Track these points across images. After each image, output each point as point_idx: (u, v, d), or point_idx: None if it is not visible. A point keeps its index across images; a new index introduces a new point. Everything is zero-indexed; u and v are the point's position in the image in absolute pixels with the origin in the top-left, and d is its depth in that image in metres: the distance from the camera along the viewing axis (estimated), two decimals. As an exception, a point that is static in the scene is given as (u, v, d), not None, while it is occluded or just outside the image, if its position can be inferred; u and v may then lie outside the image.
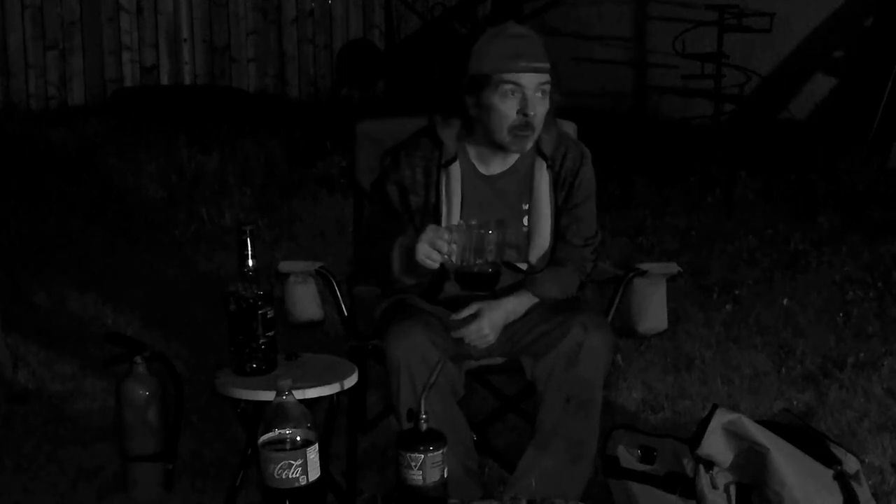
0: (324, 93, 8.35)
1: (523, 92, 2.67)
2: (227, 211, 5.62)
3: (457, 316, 2.75)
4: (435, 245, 2.58)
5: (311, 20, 8.35)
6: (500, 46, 2.69)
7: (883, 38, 6.55)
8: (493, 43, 2.70)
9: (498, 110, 2.68)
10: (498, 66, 2.67)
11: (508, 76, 2.67)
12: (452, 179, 2.77)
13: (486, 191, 2.80)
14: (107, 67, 7.86)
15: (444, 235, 2.58)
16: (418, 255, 2.59)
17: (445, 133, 2.78)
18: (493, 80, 2.67)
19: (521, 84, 2.67)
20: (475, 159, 2.81)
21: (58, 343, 4.08)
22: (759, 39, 6.89)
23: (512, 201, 2.81)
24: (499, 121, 2.69)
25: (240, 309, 2.65)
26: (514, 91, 2.67)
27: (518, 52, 2.68)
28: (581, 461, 2.73)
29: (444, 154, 2.77)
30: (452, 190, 2.77)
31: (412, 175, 2.78)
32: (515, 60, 2.67)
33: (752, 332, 4.21)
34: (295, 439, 2.29)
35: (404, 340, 2.62)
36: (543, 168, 2.81)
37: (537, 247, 2.81)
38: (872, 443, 3.29)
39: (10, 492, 3.09)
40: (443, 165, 2.77)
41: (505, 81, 2.67)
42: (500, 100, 2.68)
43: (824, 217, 5.49)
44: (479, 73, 2.69)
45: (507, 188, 2.81)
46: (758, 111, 7.01)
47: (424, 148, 2.79)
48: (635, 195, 5.95)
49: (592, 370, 2.69)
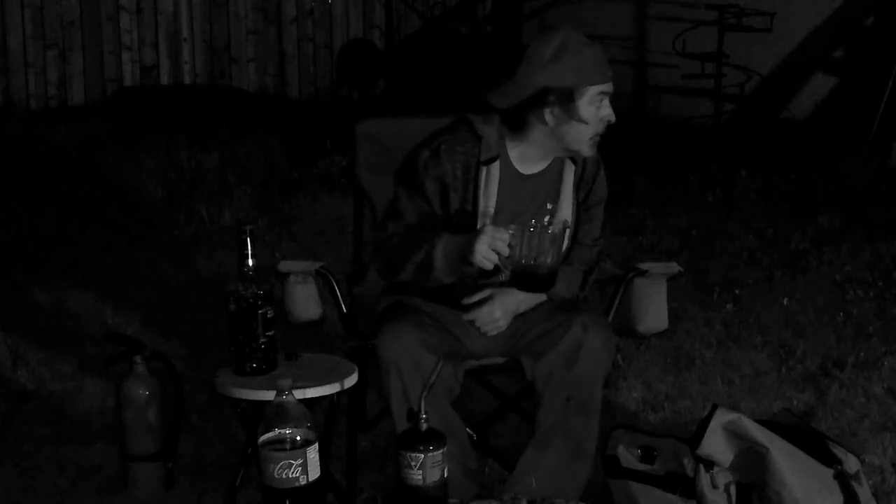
0: (324, 92, 8.35)
1: (607, 101, 2.74)
2: (227, 210, 5.62)
3: (469, 300, 2.75)
4: (494, 246, 2.57)
5: (311, 20, 8.35)
6: (590, 58, 2.71)
7: (883, 37, 6.55)
8: (581, 55, 2.70)
9: (592, 120, 2.72)
10: (595, 78, 2.70)
11: (603, 87, 2.72)
12: (491, 179, 2.75)
13: (520, 191, 2.79)
14: (107, 67, 7.85)
15: (503, 236, 2.58)
16: (476, 255, 2.58)
17: (486, 130, 2.76)
18: (590, 92, 2.70)
19: (609, 93, 2.74)
20: (516, 160, 2.79)
21: (57, 342, 4.08)
22: (759, 39, 6.88)
23: (541, 201, 2.81)
24: (587, 131, 2.73)
25: (240, 308, 2.65)
26: (602, 99, 2.73)
27: (604, 62, 2.73)
28: (581, 460, 2.73)
29: (483, 151, 2.75)
30: (490, 190, 2.75)
31: (452, 171, 2.74)
32: (606, 71, 2.73)
33: (753, 332, 4.21)
34: (295, 439, 2.29)
35: (395, 342, 2.62)
36: (572, 170, 2.82)
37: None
38: (873, 442, 3.28)
39: (10, 491, 3.08)
40: (482, 163, 2.75)
41: (601, 92, 2.72)
42: (590, 109, 2.71)
43: (824, 217, 5.48)
44: (572, 85, 2.69)
45: (538, 188, 2.81)
46: (758, 111, 7.01)
47: (464, 143, 2.76)
48: (635, 195, 5.94)
49: (592, 370, 2.69)
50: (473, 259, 2.59)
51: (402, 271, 2.75)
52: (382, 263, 2.82)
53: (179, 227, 5.44)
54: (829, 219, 5.46)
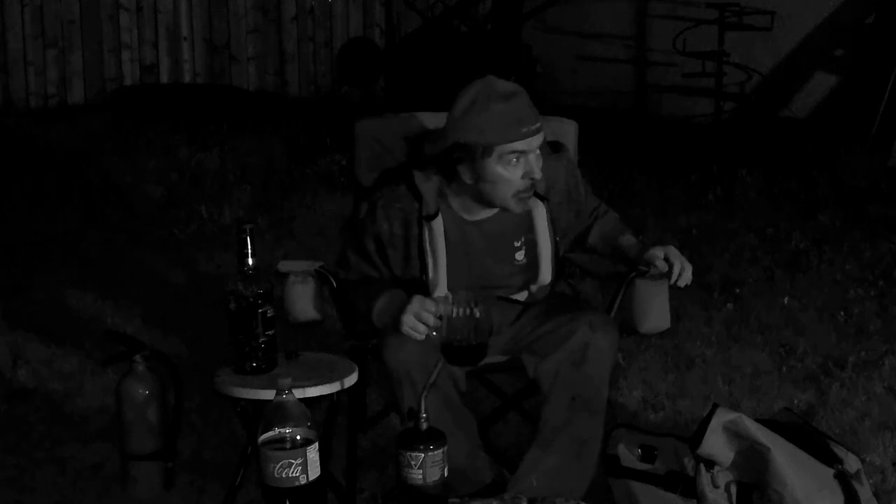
0: (324, 91, 8.35)
1: (527, 157, 2.61)
2: (226, 209, 5.61)
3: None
4: (421, 317, 2.55)
5: (312, 18, 8.34)
6: (497, 114, 2.57)
7: (884, 35, 6.54)
8: (488, 111, 2.58)
9: (503, 179, 2.60)
10: (500, 136, 2.57)
11: (513, 146, 2.58)
12: (436, 233, 2.71)
13: (472, 235, 2.76)
14: (106, 66, 7.85)
15: (430, 308, 2.54)
16: (403, 326, 2.55)
17: (426, 187, 2.70)
18: (497, 152, 2.58)
19: (525, 150, 2.60)
20: (459, 210, 2.75)
21: (57, 341, 4.08)
22: (759, 37, 6.89)
23: (500, 242, 2.77)
24: (504, 189, 2.62)
25: (240, 307, 2.64)
26: (518, 158, 2.60)
27: (518, 117, 2.58)
28: (585, 460, 2.72)
29: (424, 208, 2.70)
30: (436, 244, 2.71)
31: (389, 229, 2.71)
32: (517, 128, 2.57)
33: (753, 331, 4.20)
34: (295, 438, 2.28)
35: (401, 350, 2.61)
36: (540, 206, 2.76)
37: (540, 280, 2.81)
38: (873, 442, 3.28)
39: (10, 490, 3.08)
40: (424, 219, 2.71)
41: (510, 151, 2.59)
42: (504, 169, 2.60)
43: (825, 215, 5.48)
44: (476, 142, 2.59)
45: (495, 231, 2.76)
46: (759, 109, 7.01)
47: (403, 199, 2.71)
48: (636, 193, 5.94)
49: (600, 369, 2.68)
50: (402, 329, 2.56)
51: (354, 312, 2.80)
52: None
53: (179, 226, 5.44)
54: (830, 218, 5.46)
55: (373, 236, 2.74)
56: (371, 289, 2.72)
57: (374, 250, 2.75)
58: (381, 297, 2.67)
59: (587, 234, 2.90)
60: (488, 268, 2.77)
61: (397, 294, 2.65)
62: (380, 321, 2.67)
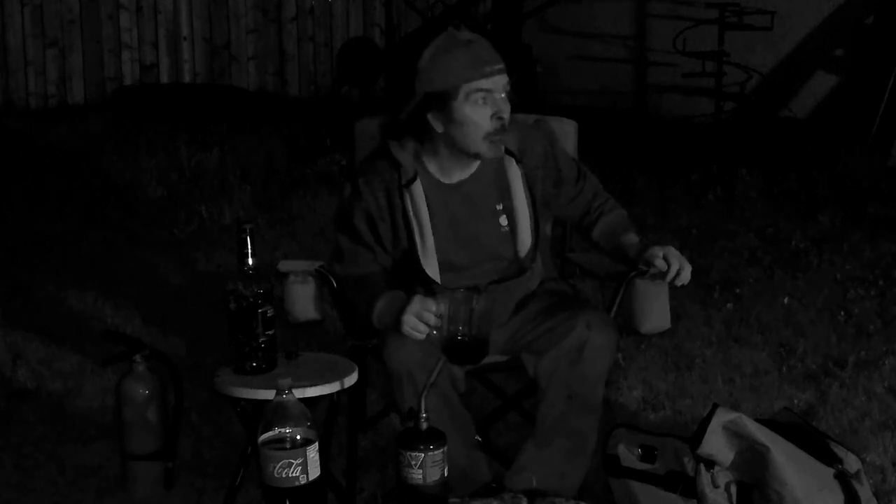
0: (324, 91, 8.35)
1: (493, 97, 2.66)
2: (226, 209, 5.61)
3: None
4: (422, 317, 2.57)
5: (312, 18, 8.35)
6: (460, 57, 2.66)
7: (884, 35, 6.55)
8: (450, 54, 2.66)
9: (472, 121, 2.66)
10: (465, 76, 2.64)
11: (478, 84, 2.64)
12: (416, 198, 2.75)
13: (454, 200, 2.78)
14: (106, 65, 7.85)
15: (430, 307, 2.57)
16: (404, 326, 2.58)
17: (402, 155, 2.75)
18: (462, 92, 2.65)
19: (490, 89, 2.66)
20: (437, 172, 2.78)
21: (57, 341, 4.08)
22: (759, 37, 6.89)
23: (482, 205, 2.80)
24: (474, 131, 2.67)
25: (240, 307, 2.64)
26: (485, 98, 2.66)
27: (480, 58, 2.66)
28: (580, 458, 2.73)
29: (403, 175, 2.75)
30: (419, 209, 2.75)
31: (375, 202, 2.76)
32: (481, 67, 2.65)
33: (753, 331, 4.20)
34: (295, 438, 2.29)
35: (401, 350, 2.61)
36: (514, 165, 2.79)
37: (522, 243, 2.82)
38: (873, 441, 3.28)
39: (10, 490, 3.08)
40: (404, 186, 2.75)
41: (476, 90, 2.65)
42: (472, 110, 2.65)
43: (825, 215, 5.48)
44: (443, 88, 2.65)
45: (474, 192, 2.79)
46: (759, 109, 7.01)
47: (382, 171, 2.76)
48: (636, 193, 5.94)
49: (596, 368, 2.69)
50: (402, 330, 2.58)
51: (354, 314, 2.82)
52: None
53: (179, 226, 5.44)
54: (830, 217, 5.46)
55: (363, 213, 2.77)
56: (370, 290, 2.72)
57: (367, 229, 2.77)
58: (380, 299, 2.68)
59: (592, 228, 2.90)
60: (475, 235, 2.78)
61: (397, 295, 2.66)
62: (380, 322, 2.68)
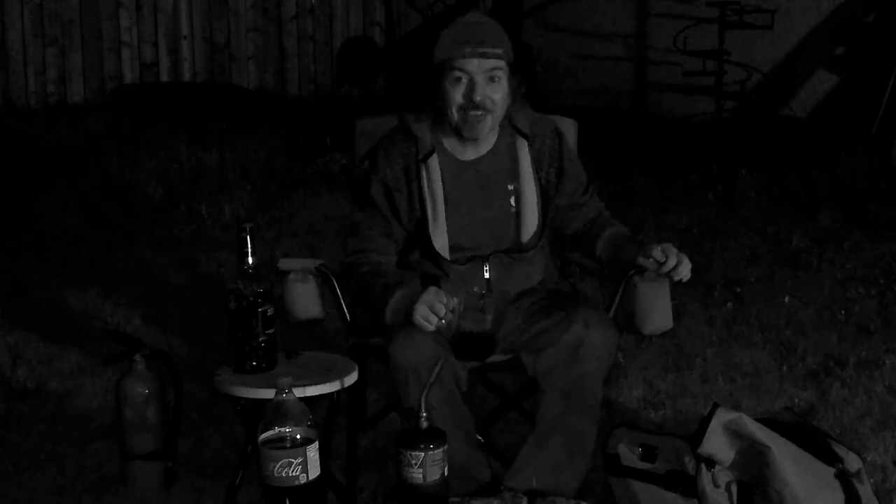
0: (324, 90, 8.34)
1: (471, 77, 2.72)
2: (226, 208, 5.61)
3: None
4: (434, 308, 2.58)
5: (311, 17, 8.34)
6: (451, 34, 2.76)
7: (885, 34, 6.54)
8: (449, 31, 2.77)
9: (448, 97, 2.74)
10: (447, 53, 2.74)
11: (455, 62, 2.72)
12: (432, 172, 2.79)
13: (468, 177, 2.82)
14: (106, 64, 7.84)
15: (443, 299, 2.59)
16: (416, 316, 2.59)
17: (418, 127, 2.82)
18: (445, 68, 2.74)
19: (466, 70, 2.72)
20: (452, 148, 2.83)
21: (57, 341, 4.08)
22: (760, 36, 6.88)
23: (495, 183, 2.83)
24: (450, 107, 2.75)
25: (240, 306, 2.64)
26: (460, 77, 2.73)
27: (465, 38, 2.73)
28: (579, 457, 2.73)
29: (420, 148, 2.80)
30: (434, 183, 2.78)
31: (393, 173, 2.81)
32: (461, 47, 2.72)
33: (754, 330, 4.20)
34: (295, 437, 2.29)
35: (409, 347, 2.61)
36: (525, 146, 2.84)
37: (527, 224, 2.83)
38: (874, 441, 3.28)
39: (9, 490, 3.08)
40: (421, 160, 2.79)
41: (453, 68, 2.73)
42: (450, 86, 2.74)
43: (826, 215, 5.48)
44: (435, 60, 2.75)
45: (489, 170, 2.83)
46: (759, 108, 7.00)
47: (400, 144, 2.82)
48: (636, 192, 5.94)
49: (593, 366, 2.69)
50: (414, 319, 2.60)
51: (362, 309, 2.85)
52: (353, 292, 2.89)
53: (179, 225, 5.43)
54: (831, 217, 5.45)
55: (380, 184, 2.81)
56: (386, 279, 2.73)
57: (384, 200, 2.80)
58: (397, 291, 2.68)
59: (595, 241, 2.90)
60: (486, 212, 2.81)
61: (414, 287, 2.67)
62: (394, 313, 2.67)
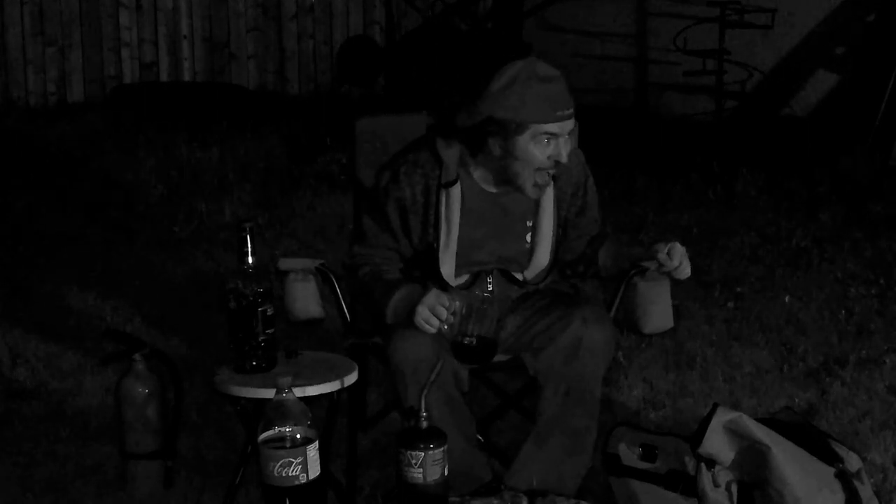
0: (324, 89, 8.34)
1: (557, 139, 2.67)
2: (226, 208, 5.61)
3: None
4: (435, 311, 2.58)
5: (311, 16, 8.33)
6: (537, 94, 2.64)
7: (885, 34, 6.53)
8: (528, 89, 2.64)
9: (532, 157, 2.66)
10: (536, 116, 2.64)
11: (547, 127, 2.65)
12: (452, 201, 2.75)
13: (488, 209, 2.79)
14: (106, 64, 7.84)
15: (444, 302, 2.59)
16: (417, 317, 2.59)
17: (448, 153, 2.75)
18: (531, 130, 2.65)
19: (557, 133, 2.67)
20: (480, 179, 2.79)
21: (57, 340, 4.07)
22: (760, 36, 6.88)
23: (514, 219, 2.81)
24: (528, 168, 2.68)
25: (239, 306, 2.64)
26: (549, 139, 2.67)
27: (555, 100, 2.66)
28: (579, 455, 2.74)
29: (444, 174, 2.75)
30: (452, 212, 2.75)
31: (412, 195, 2.76)
32: (553, 111, 2.65)
33: (754, 330, 4.20)
34: (295, 437, 2.29)
35: (408, 346, 2.61)
36: (550, 187, 2.79)
37: (536, 263, 2.82)
38: (874, 441, 3.28)
39: (9, 489, 3.08)
40: (443, 186, 2.75)
41: (543, 133, 2.65)
42: (535, 148, 2.66)
43: (826, 214, 5.47)
44: (512, 119, 2.64)
45: (512, 206, 2.80)
46: (759, 108, 7.00)
47: (425, 165, 2.76)
48: (636, 192, 5.93)
49: (592, 364, 2.69)
50: (415, 320, 2.59)
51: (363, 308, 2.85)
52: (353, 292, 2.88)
53: (179, 225, 5.43)
54: (831, 216, 5.45)
55: (396, 201, 2.76)
56: (387, 281, 2.73)
57: (397, 217, 2.77)
58: (399, 291, 2.68)
59: (595, 257, 2.89)
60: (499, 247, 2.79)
61: (415, 288, 2.67)
62: (394, 313, 2.67)
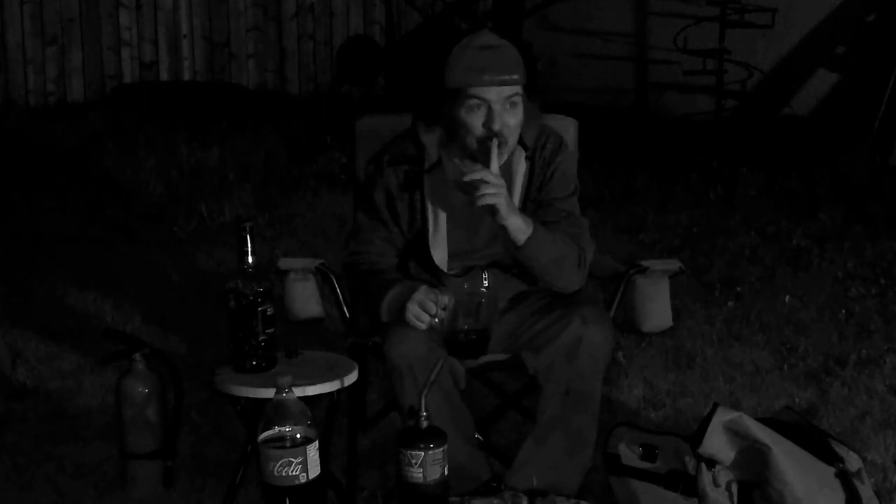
0: (324, 89, 8.34)
1: (489, 105, 2.67)
2: (226, 207, 5.61)
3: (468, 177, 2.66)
4: (425, 306, 2.59)
5: (312, 16, 8.33)
6: (467, 60, 2.68)
7: (885, 33, 6.53)
8: (462, 56, 2.69)
9: (465, 124, 2.69)
10: (464, 80, 2.68)
11: (473, 90, 2.67)
12: (436, 184, 2.78)
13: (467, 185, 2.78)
14: (106, 63, 7.84)
15: (434, 297, 2.60)
16: (408, 314, 2.60)
17: (427, 138, 2.79)
18: (461, 95, 2.68)
19: (485, 98, 2.67)
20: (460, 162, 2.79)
21: (57, 340, 4.08)
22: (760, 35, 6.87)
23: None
24: (466, 134, 2.71)
25: (239, 306, 2.64)
26: (479, 105, 2.68)
27: (484, 65, 2.67)
28: (579, 454, 2.74)
29: (426, 159, 2.78)
30: (437, 195, 2.78)
31: (396, 181, 2.79)
32: (480, 74, 2.67)
33: (754, 329, 4.20)
34: (295, 437, 2.29)
35: (404, 343, 2.61)
36: (522, 157, 2.81)
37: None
38: (874, 440, 3.28)
39: (9, 489, 3.08)
40: (426, 171, 2.78)
41: (470, 96, 2.67)
42: (466, 114, 2.69)
43: (826, 214, 5.47)
44: (449, 86, 2.69)
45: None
46: (760, 107, 7.00)
47: (406, 150, 2.80)
48: (637, 191, 5.94)
49: (592, 364, 2.69)
50: (406, 317, 2.61)
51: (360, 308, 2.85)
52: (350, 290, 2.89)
53: (179, 224, 5.43)
54: (831, 216, 5.45)
55: (383, 189, 2.80)
56: (382, 279, 2.73)
57: (385, 206, 2.79)
58: (392, 289, 2.68)
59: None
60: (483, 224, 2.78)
61: (408, 285, 2.67)
62: (388, 311, 2.68)
